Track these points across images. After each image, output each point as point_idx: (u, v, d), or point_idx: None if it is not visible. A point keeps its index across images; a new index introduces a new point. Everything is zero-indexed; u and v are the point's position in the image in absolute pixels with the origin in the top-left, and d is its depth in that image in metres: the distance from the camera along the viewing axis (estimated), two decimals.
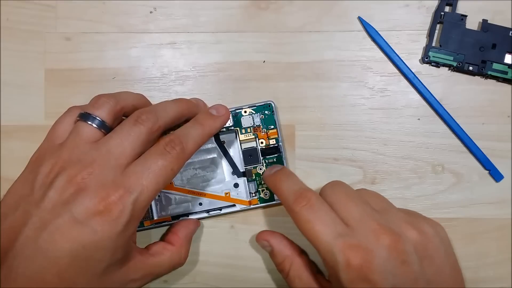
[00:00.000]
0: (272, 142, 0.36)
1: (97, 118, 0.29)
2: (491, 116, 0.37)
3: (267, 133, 0.36)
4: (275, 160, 0.36)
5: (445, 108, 0.37)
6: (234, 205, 0.36)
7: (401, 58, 0.37)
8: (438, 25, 0.37)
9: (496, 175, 0.37)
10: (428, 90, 0.37)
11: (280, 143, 0.36)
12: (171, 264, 0.33)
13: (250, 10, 0.38)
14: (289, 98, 0.37)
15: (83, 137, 0.29)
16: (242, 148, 0.36)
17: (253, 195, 0.36)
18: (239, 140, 0.36)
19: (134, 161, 0.29)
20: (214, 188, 0.36)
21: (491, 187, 0.37)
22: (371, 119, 0.37)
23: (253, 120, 0.36)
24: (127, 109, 0.32)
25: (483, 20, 0.37)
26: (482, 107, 0.37)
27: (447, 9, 0.37)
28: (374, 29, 0.37)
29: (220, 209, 0.36)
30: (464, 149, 0.37)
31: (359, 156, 0.37)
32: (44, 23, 0.38)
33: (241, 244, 0.37)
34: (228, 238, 0.37)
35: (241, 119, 0.36)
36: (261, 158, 0.36)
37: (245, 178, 0.36)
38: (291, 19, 0.38)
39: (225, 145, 0.36)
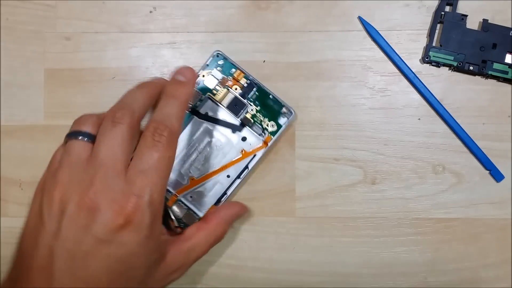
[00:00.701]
0: (244, 81, 0.36)
1: (81, 131, 0.29)
2: (491, 116, 0.37)
3: (234, 78, 0.36)
4: (257, 93, 0.36)
5: (446, 108, 0.37)
6: (255, 155, 0.36)
7: (402, 58, 0.37)
8: (438, 25, 0.37)
9: (497, 175, 0.37)
10: (429, 90, 0.37)
11: (251, 77, 0.36)
12: (208, 243, 0.33)
13: (250, 10, 0.38)
14: (289, 98, 0.37)
15: (74, 155, 0.28)
16: (225, 105, 0.36)
17: (263, 134, 0.36)
18: (217, 101, 0.36)
19: (130, 161, 0.28)
20: (229, 156, 0.36)
21: (492, 187, 0.37)
22: (371, 119, 0.37)
23: (215, 77, 0.36)
24: None
25: (483, 20, 0.37)
26: (483, 107, 0.37)
27: (447, 9, 0.37)
28: (375, 29, 0.37)
29: (246, 167, 0.36)
30: (465, 149, 0.37)
31: (359, 156, 0.37)
32: (44, 23, 0.38)
33: (241, 244, 0.37)
34: (228, 238, 0.37)
35: (204, 83, 0.36)
36: (245, 100, 0.36)
37: (246, 127, 0.36)
38: (291, 19, 0.38)
39: (210, 115, 0.36)
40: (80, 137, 0.29)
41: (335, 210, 0.37)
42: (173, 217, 0.35)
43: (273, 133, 0.36)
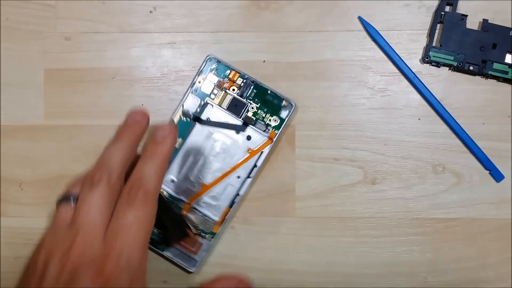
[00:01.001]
0: (240, 81, 0.36)
1: (68, 195, 0.29)
2: (491, 116, 0.37)
3: (229, 79, 0.36)
4: (255, 91, 0.36)
5: (446, 108, 0.37)
6: (262, 152, 0.36)
7: (402, 58, 0.37)
8: (438, 25, 0.37)
9: (497, 175, 0.37)
10: (429, 90, 0.37)
11: (245, 75, 0.36)
12: None
13: (250, 10, 0.38)
14: (289, 98, 0.37)
15: (59, 219, 0.29)
16: (225, 107, 0.36)
17: (267, 130, 0.36)
18: (217, 104, 0.36)
19: (112, 220, 0.28)
20: (236, 156, 0.36)
21: (492, 187, 0.37)
22: (371, 119, 0.37)
23: (211, 82, 0.36)
24: None
25: (483, 20, 0.37)
26: (483, 107, 0.37)
27: (447, 9, 0.37)
28: (375, 29, 0.37)
29: (255, 165, 0.36)
30: (465, 149, 0.37)
31: (359, 156, 0.37)
32: (44, 23, 0.38)
33: (241, 244, 0.37)
34: (228, 238, 0.37)
35: (202, 89, 0.36)
36: (244, 99, 0.36)
37: (250, 126, 0.36)
38: (291, 19, 0.38)
39: (211, 120, 0.36)
40: (64, 201, 0.29)
41: (335, 210, 0.37)
42: (190, 226, 0.36)
43: (276, 128, 0.36)
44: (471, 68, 0.37)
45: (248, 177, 0.36)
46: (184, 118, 0.37)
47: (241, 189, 0.36)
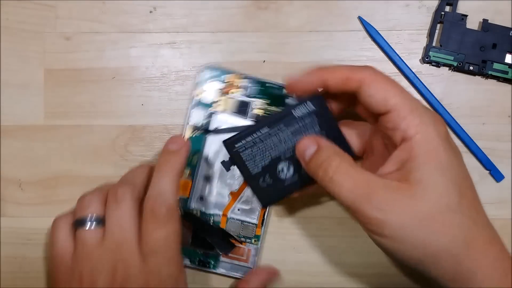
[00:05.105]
0: (238, 82, 0.36)
1: (91, 218, 0.29)
2: (491, 116, 0.37)
3: (228, 83, 0.36)
4: (255, 87, 0.36)
5: (446, 108, 0.37)
6: None
7: (402, 58, 0.37)
8: (438, 25, 0.37)
9: (497, 175, 0.37)
10: (429, 90, 0.37)
11: (243, 75, 0.36)
12: None
13: (250, 10, 0.38)
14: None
15: (90, 244, 0.29)
16: (231, 111, 0.36)
17: None
18: (222, 111, 0.36)
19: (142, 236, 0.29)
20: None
21: (492, 187, 0.37)
22: None
23: (210, 90, 0.36)
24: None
25: (483, 20, 0.37)
26: (483, 107, 0.37)
27: (447, 9, 0.37)
28: (375, 29, 0.37)
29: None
30: (465, 149, 0.37)
31: None
32: (44, 23, 0.38)
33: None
34: None
35: (203, 101, 0.36)
36: (248, 98, 0.36)
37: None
38: (291, 19, 0.38)
39: (221, 127, 0.36)
40: (92, 226, 0.29)
41: (336, 210, 0.37)
42: (233, 236, 0.36)
43: None
44: (471, 68, 0.37)
45: None
46: (194, 134, 0.36)
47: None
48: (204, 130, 0.36)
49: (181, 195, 0.36)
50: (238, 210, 0.36)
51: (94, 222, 0.29)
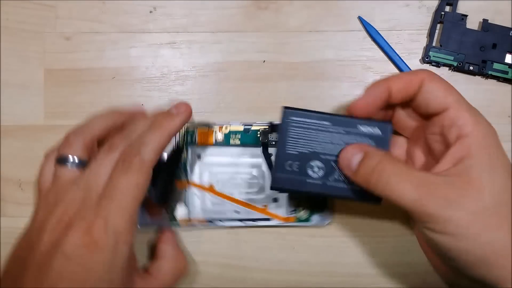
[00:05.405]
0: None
1: (71, 158, 0.30)
2: (491, 116, 0.37)
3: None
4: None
5: None
6: (268, 219, 0.36)
7: (402, 58, 0.37)
8: (438, 25, 0.37)
9: None
10: None
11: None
12: (176, 279, 0.33)
13: (250, 10, 0.38)
14: (289, 98, 0.37)
15: (63, 179, 0.30)
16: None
17: (292, 212, 0.36)
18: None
19: (108, 180, 0.29)
20: (254, 197, 0.36)
21: None
22: None
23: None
24: (100, 136, 0.31)
25: (483, 20, 0.37)
26: (483, 107, 0.37)
27: (447, 9, 0.37)
28: (375, 29, 0.37)
29: (254, 220, 0.36)
30: None
31: None
32: (44, 23, 0.38)
33: (241, 244, 0.37)
34: (228, 238, 0.37)
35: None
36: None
37: (287, 194, 0.36)
38: (291, 19, 0.38)
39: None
40: (69, 165, 0.30)
41: (336, 210, 0.37)
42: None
43: (298, 220, 0.36)
44: (471, 68, 0.37)
45: (240, 220, 0.36)
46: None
47: (227, 222, 0.36)
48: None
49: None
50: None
51: (73, 163, 0.30)
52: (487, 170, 0.27)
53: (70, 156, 0.30)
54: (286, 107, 0.30)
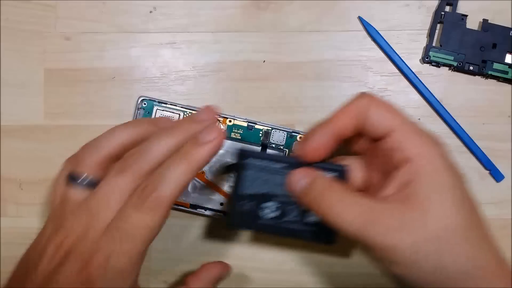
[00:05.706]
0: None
1: (82, 176, 0.27)
2: (491, 116, 0.37)
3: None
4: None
5: (446, 108, 0.37)
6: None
7: (402, 58, 0.37)
8: (438, 25, 0.37)
9: (497, 175, 0.37)
10: (429, 90, 0.37)
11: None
12: None
13: (250, 10, 0.38)
14: (289, 98, 0.37)
15: (71, 200, 0.27)
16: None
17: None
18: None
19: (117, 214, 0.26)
20: None
21: (492, 187, 0.37)
22: None
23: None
24: (119, 152, 0.28)
25: (483, 20, 0.37)
26: (483, 107, 0.37)
27: (447, 9, 0.37)
28: (375, 28, 0.37)
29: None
30: (465, 149, 0.37)
31: None
32: (44, 23, 0.38)
33: (241, 244, 0.37)
34: (228, 238, 0.37)
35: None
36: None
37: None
38: (291, 19, 0.38)
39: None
40: (79, 185, 0.27)
41: None
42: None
43: None
44: (471, 68, 0.37)
45: (223, 213, 0.36)
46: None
47: (207, 211, 0.36)
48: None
49: None
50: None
51: (83, 182, 0.27)
52: (435, 193, 0.25)
53: (81, 174, 0.27)
54: (242, 150, 0.30)
